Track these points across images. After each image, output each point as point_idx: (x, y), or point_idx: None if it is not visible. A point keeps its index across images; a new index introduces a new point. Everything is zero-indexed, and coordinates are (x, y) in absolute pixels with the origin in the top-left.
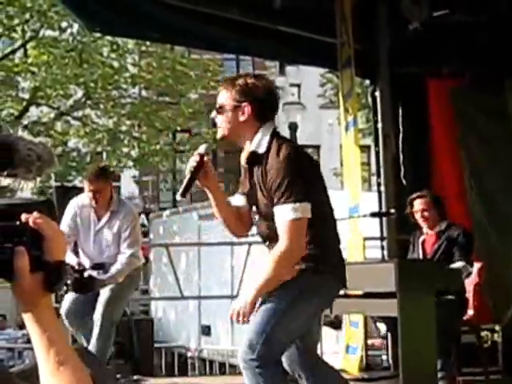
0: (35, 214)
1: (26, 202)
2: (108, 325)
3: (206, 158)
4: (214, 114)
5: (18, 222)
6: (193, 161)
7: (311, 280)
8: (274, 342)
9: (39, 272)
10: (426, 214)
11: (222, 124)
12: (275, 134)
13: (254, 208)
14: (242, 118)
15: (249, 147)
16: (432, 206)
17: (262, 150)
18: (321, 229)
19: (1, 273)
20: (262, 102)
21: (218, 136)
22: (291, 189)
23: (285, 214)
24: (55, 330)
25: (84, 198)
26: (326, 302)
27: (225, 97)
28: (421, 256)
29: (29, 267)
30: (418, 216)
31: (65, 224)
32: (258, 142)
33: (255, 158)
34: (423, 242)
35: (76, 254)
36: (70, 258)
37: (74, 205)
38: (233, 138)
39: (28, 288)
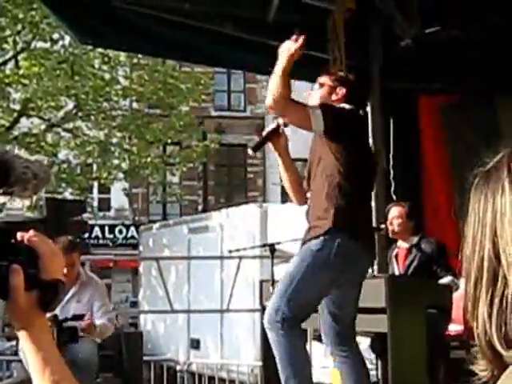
0: (31, 232)
1: (21, 220)
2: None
3: (282, 126)
4: (307, 92)
5: (13, 240)
6: (272, 125)
7: (345, 246)
8: (297, 306)
9: (34, 290)
10: (395, 221)
11: (315, 96)
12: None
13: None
14: (334, 97)
15: None
16: (406, 216)
17: None
18: (361, 199)
19: None
20: (353, 92)
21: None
22: (329, 110)
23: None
24: (50, 349)
25: None
26: (355, 274)
27: (327, 78)
28: (395, 270)
29: (24, 285)
30: (388, 223)
31: None
32: None
33: None
34: (396, 256)
35: None
36: None
37: None
38: None
39: (23, 306)
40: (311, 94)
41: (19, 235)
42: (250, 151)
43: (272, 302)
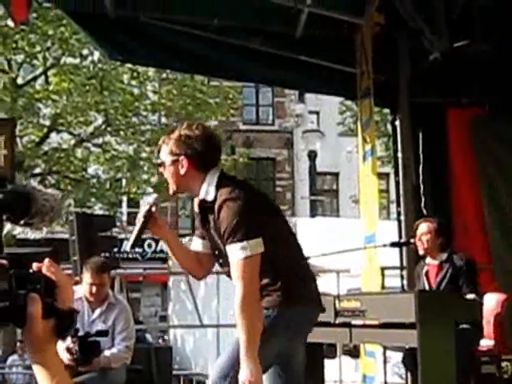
0: (47, 261)
1: (35, 251)
2: None
3: (154, 209)
4: (161, 169)
5: (31, 270)
6: (142, 211)
7: (284, 315)
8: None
9: (51, 318)
10: (424, 238)
11: (169, 179)
12: (220, 181)
13: (216, 252)
14: (182, 172)
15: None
16: (435, 232)
17: (210, 197)
18: (285, 259)
19: (13, 319)
20: (199, 153)
21: (170, 192)
22: (238, 228)
23: (234, 254)
24: (62, 374)
25: (78, 291)
26: (301, 332)
27: (164, 152)
28: (426, 287)
29: (42, 314)
30: (417, 239)
31: None
32: (206, 190)
33: (206, 206)
34: (427, 273)
35: None
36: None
37: None
38: (182, 191)
39: (40, 334)
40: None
41: (36, 265)
42: (127, 249)
43: (220, 367)
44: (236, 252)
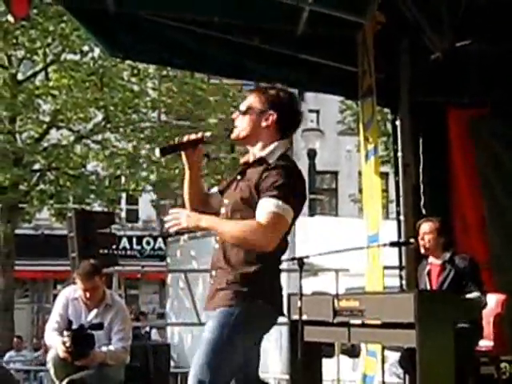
0: None
1: None
2: None
3: (205, 139)
4: (236, 114)
5: None
6: (193, 135)
7: (250, 310)
8: (217, 374)
9: None
10: (427, 237)
11: (243, 124)
12: (286, 153)
13: (226, 201)
14: (264, 124)
15: (257, 152)
16: (437, 231)
17: (271, 159)
18: (269, 255)
19: None
20: (286, 117)
21: (233, 136)
22: (283, 191)
23: (268, 206)
24: None
25: (76, 291)
26: (262, 332)
27: (254, 100)
28: (428, 286)
29: None
30: (419, 238)
31: (56, 312)
32: (272, 151)
33: (260, 163)
34: (429, 272)
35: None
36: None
37: (66, 295)
38: (246, 140)
39: None
40: (239, 118)
41: None
42: (157, 153)
43: (193, 373)
44: (270, 205)
